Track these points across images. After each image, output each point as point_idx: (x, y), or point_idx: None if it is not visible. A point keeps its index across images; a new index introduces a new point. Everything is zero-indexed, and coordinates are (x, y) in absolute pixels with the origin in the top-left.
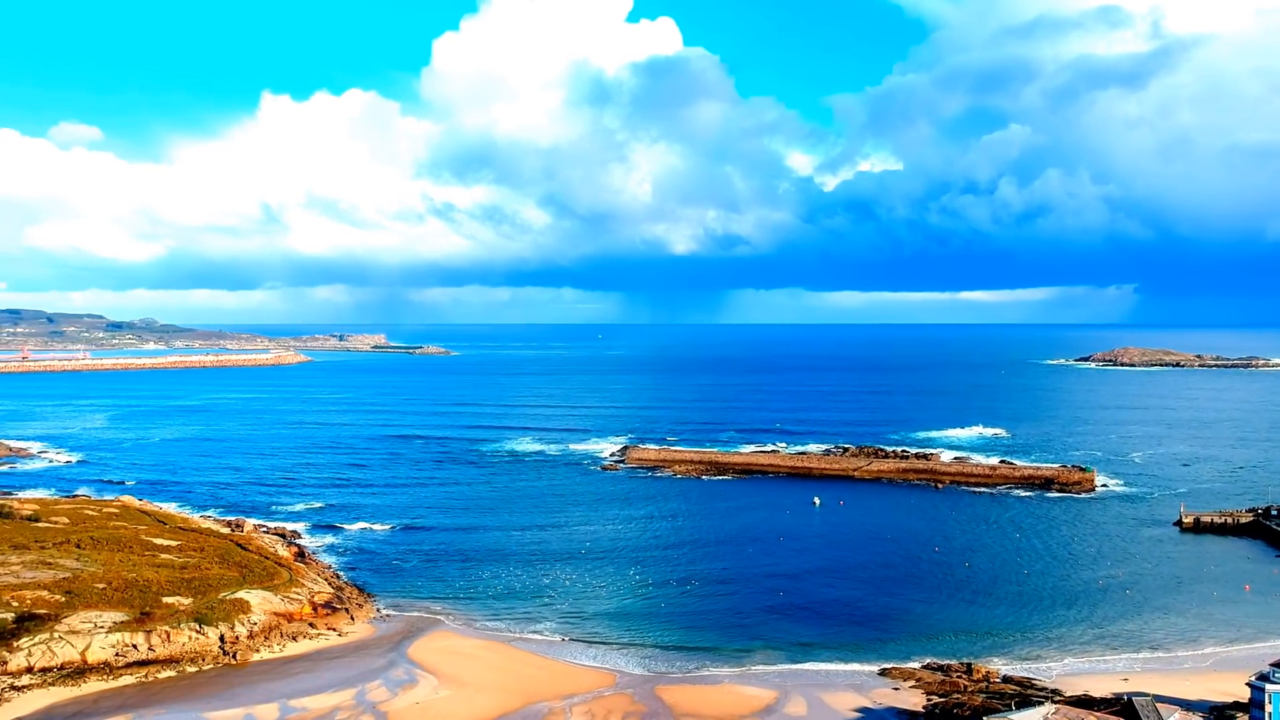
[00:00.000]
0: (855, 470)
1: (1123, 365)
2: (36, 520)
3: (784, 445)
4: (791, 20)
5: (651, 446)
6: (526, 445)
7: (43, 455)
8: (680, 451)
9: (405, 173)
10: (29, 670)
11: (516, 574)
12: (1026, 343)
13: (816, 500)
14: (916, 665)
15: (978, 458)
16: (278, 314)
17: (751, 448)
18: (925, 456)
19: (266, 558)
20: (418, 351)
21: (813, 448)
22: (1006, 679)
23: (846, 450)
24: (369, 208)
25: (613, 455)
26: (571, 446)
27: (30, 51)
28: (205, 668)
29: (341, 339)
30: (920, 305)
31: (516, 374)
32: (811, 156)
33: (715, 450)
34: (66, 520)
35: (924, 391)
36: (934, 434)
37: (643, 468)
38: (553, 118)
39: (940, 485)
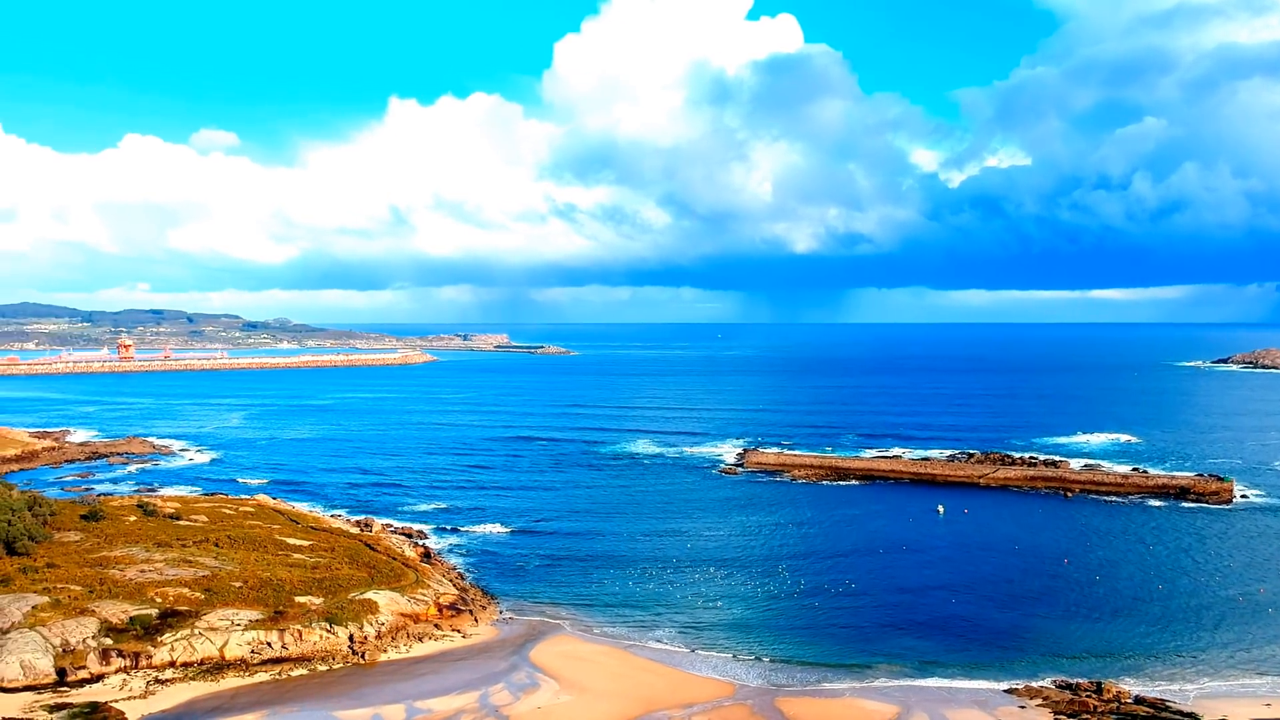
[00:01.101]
0: (980, 477)
1: (1264, 367)
2: (178, 518)
3: (906, 450)
4: (916, 15)
5: (771, 450)
6: (645, 447)
7: (183, 453)
8: (800, 456)
9: (528, 174)
10: (171, 665)
11: (636, 580)
12: (1161, 343)
13: (940, 509)
14: (1044, 683)
15: (1108, 465)
16: (405, 313)
17: (873, 452)
18: (1053, 463)
19: (394, 558)
20: (539, 351)
21: (936, 453)
22: (1139, 700)
23: (971, 456)
24: (493, 209)
25: (731, 459)
26: (690, 449)
27: (172, 62)
28: (335, 667)
29: (466, 339)
30: (1049, 304)
31: (635, 374)
32: (936, 153)
33: (835, 455)
34: (205, 519)
35: (1052, 395)
36: (1062, 440)
37: (762, 472)
38: (673, 118)
39: (1069, 494)
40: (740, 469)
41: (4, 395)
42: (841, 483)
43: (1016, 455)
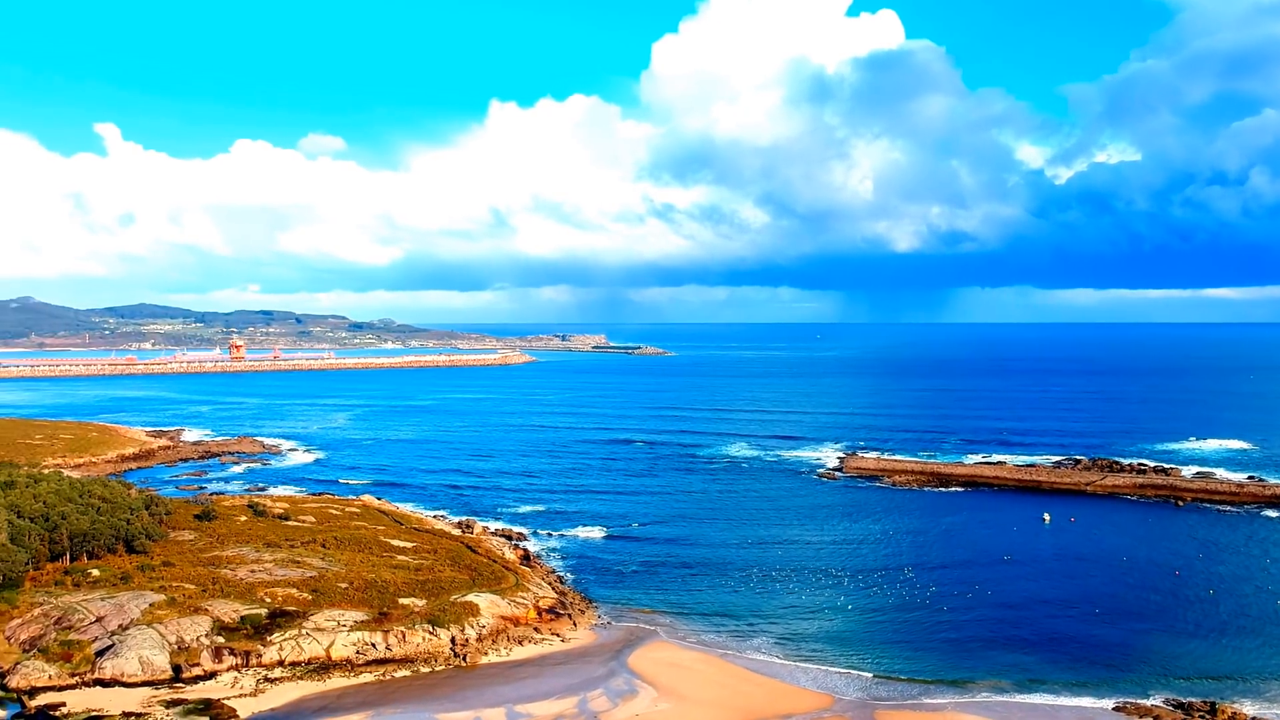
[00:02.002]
0: (1087, 485)
1: None
2: (287, 519)
3: (1010, 456)
4: (1021, 10)
5: (870, 455)
6: (742, 451)
7: (291, 452)
8: (900, 461)
9: (626, 175)
10: (280, 664)
11: (733, 587)
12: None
13: (1046, 517)
14: (1154, 703)
15: (1223, 473)
16: (504, 314)
17: (975, 458)
18: (1164, 471)
19: (494, 561)
20: (636, 352)
21: (1041, 459)
22: None
23: (1078, 463)
24: (591, 210)
25: (830, 463)
26: (788, 453)
27: (281, 70)
28: (437, 669)
29: (564, 339)
30: (1161, 303)
31: (732, 376)
32: (1043, 149)
33: (937, 460)
34: (313, 519)
35: (1163, 399)
36: (1174, 446)
37: (861, 477)
38: (772, 116)
39: (1180, 503)
40: (839, 474)
41: (123, 395)
42: (943, 489)
43: (1125, 462)
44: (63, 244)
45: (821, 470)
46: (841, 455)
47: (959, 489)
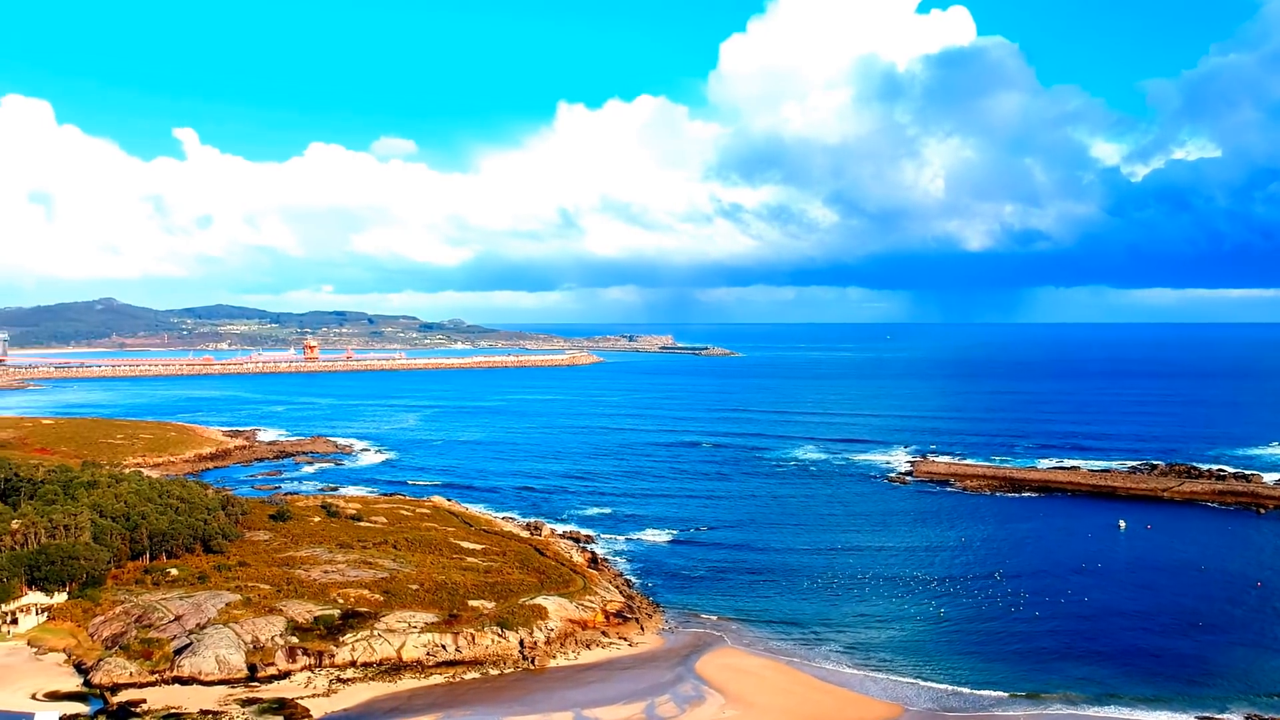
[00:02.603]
0: (1164, 491)
1: None
2: (359, 520)
3: (1084, 461)
4: (1097, 5)
5: (941, 459)
6: (810, 454)
7: (363, 453)
8: (972, 466)
9: (694, 175)
10: (352, 664)
11: (802, 594)
12: None
13: (1121, 524)
14: (1235, 718)
15: None
16: (571, 314)
17: (1048, 462)
18: (1245, 477)
19: (562, 564)
20: (703, 353)
21: (1116, 464)
22: None
23: (1154, 468)
24: (659, 210)
25: (900, 467)
26: (857, 456)
27: (353, 75)
28: (506, 671)
29: (631, 339)
30: (1241, 303)
31: (800, 377)
32: (1119, 145)
33: (1009, 465)
34: (384, 520)
35: (1244, 402)
36: (1256, 451)
37: (932, 482)
38: (841, 115)
39: (1262, 510)
40: (909, 478)
41: (200, 395)
42: (1015, 495)
43: (1204, 467)
44: (142, 246)
45: (891, 474)
46: (911, 459)
47: (1031, 494)
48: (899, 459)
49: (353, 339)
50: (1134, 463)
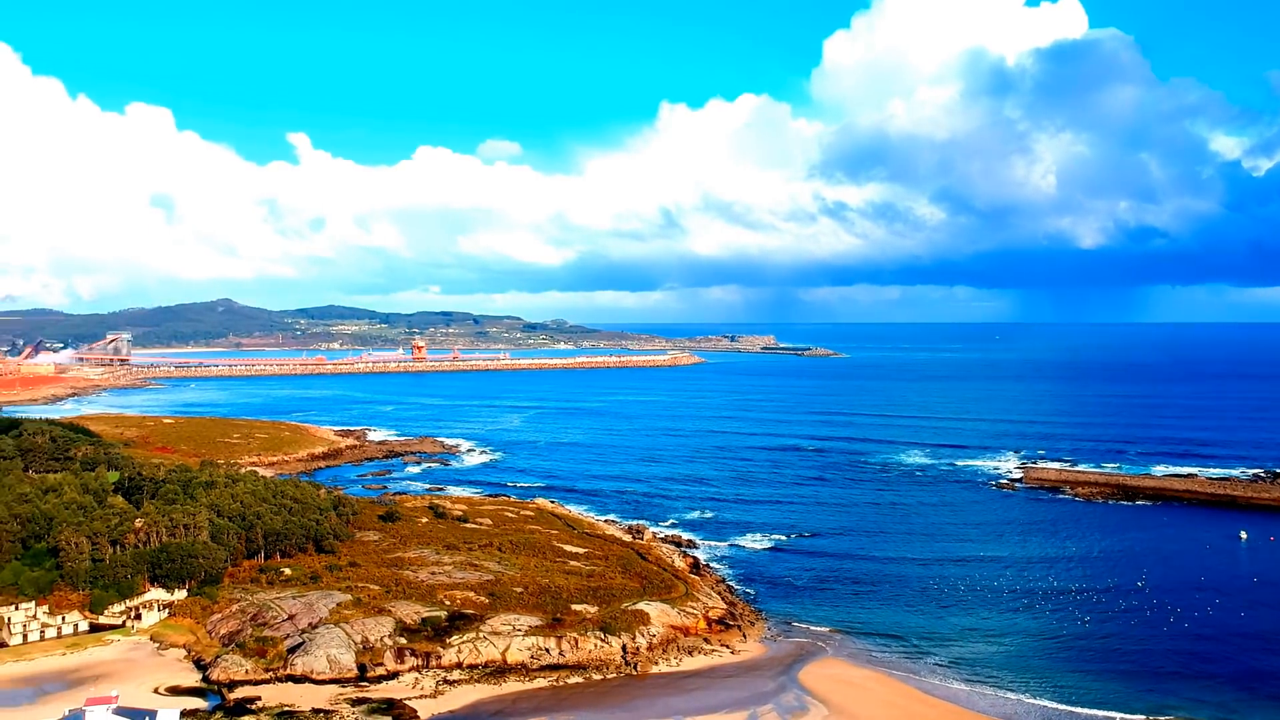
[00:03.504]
0: None
1: None
2: (465, 521)
3: (1202, 468)
4: None
5: (1051, 465)
6: (916, 459)
7: (468, 453)
8: (1083, 472)
9: (797, 173)
10: (458, 666)
11: (907, 604)
12: None
13: (1243, 535)
14: None
15: None
16: (673, 313)
17: (1164, 469)
18: None
19: (664, 569)
20: (806, 354)
21: (1238, 472)
22: None
23: (1278, 477)
24: (762, 209)
25: (1008, 473)
26: (964, 462)
27: (460, 79)
28: (609, 676)
29: (733, 340)
30: None
31: (905, 379)
32: (1240, 139)
33: (1123, 472)
34: (489, 522)
35: None
36: None
37: (1042, 489)
38: (948, 111)
39: None
40: (1018, 484)
41: (313, 394)
42: (1129, 503)
43: None
44: (257, 247)
45: (1000, 481)
46: (1021, 465)
47: (1146, 503)
48: (1008, 465)
49: (459, 339)
50: (1256, 470)
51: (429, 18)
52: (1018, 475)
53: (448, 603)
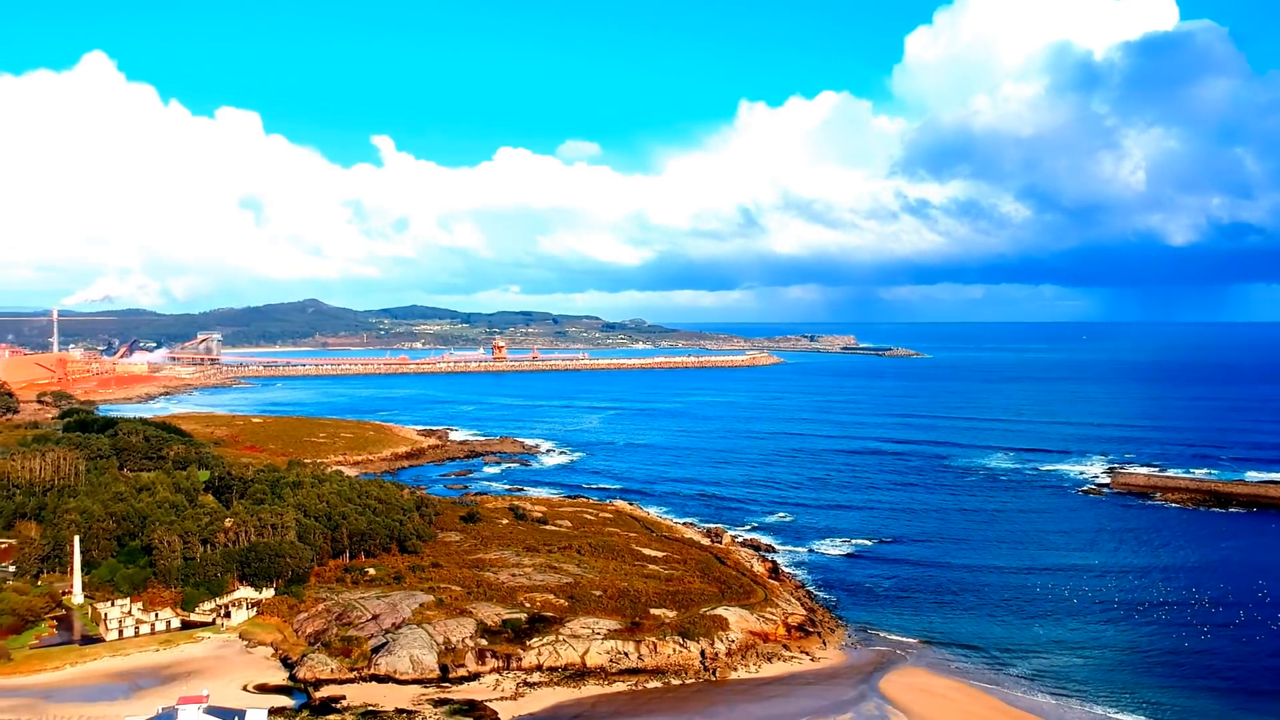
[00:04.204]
0: None
1: None
2: (545, 523)
3: None
4: None
5: (1140, 470)
6: (999, 463)
7: (548, 454)
8: (1173, 478)
9: (878, 171)
10: (538, 668)
11: (990, 613)
12: None
13: None
14: None
15: None
16: (751, 312)
17: (1258, 475)
18: None
19: (743, 573)
20: (886, 354)
21: None
22: None
23: None
24: (842, 207)
25: (1095, 478)
26: (1049, 466)
27: (541, 81)
28: (687, 681)
29: (812, 339)
30: None
31: (988, 380)
32: None
33: (1216, 478)
34: (569, 524)
35: None
36: None
37: (1130, 494)
38: (1034, 106)
39: None
40: (1105, 490)
41: (396, 394)
42: (1221, 510)
43: None
44: (343, 248)
45: (1087, 486)
46: (1108, 469)
47: (1239, 510)
48: (1094, 469)
49: (538, 339)
50: None
51: (509, 21)
52: (1105, 480)
53: (528, 605)
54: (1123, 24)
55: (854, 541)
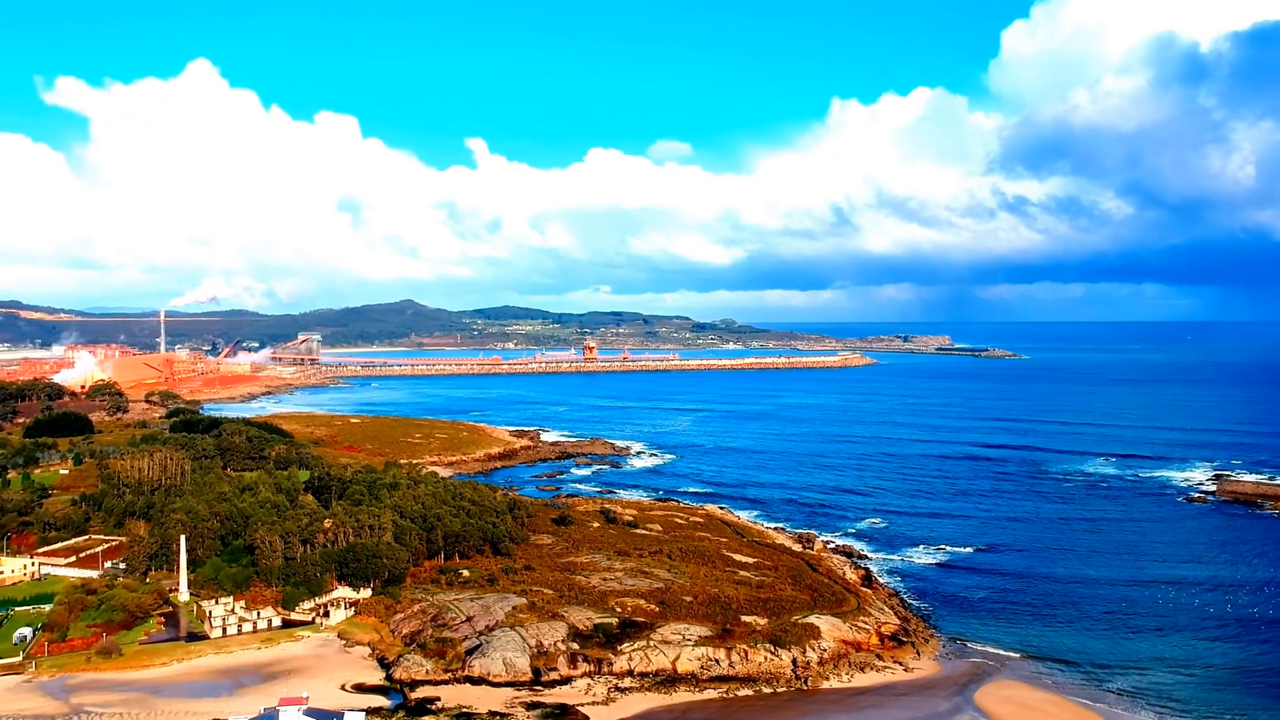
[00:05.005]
0: None
1: None
2: (635, 526)
3: None
4: None
5: (1248, 477)
6: (1099, 469)
7: (638, 455)
8: None
9: (975, 168)
10: (629, 673)
11: (1089, 626)
12: None
13: None
14: None
15: None
16: (843, 312)
17: None
18: None
19: (835, 581)
20: (982, 355)
21: None
22: None
23: None
24: (937, 205)
25: (1201, 486)
26: (1152, 473)
27: (632, 82)
28: (779, 690)
29: (906, 340)
30: None
31: (1088, 382)
32: None
33: None
34: (659, 528)
35: None
36: None
37: (1236, 503)
38: (1137, 100)
39: None
40: (1210, 498)
41: (489, 394)
42: None
43: None
44: (437, 249)
45: (1191, 494)
46: (1213, 476)
47: None
48: (1199, 476)
49: (629, 339)
50: None
51: (601, 24)
52: (1210, 488)
53: (619, 609)
54: (1230, 14)
55: (948, 549)
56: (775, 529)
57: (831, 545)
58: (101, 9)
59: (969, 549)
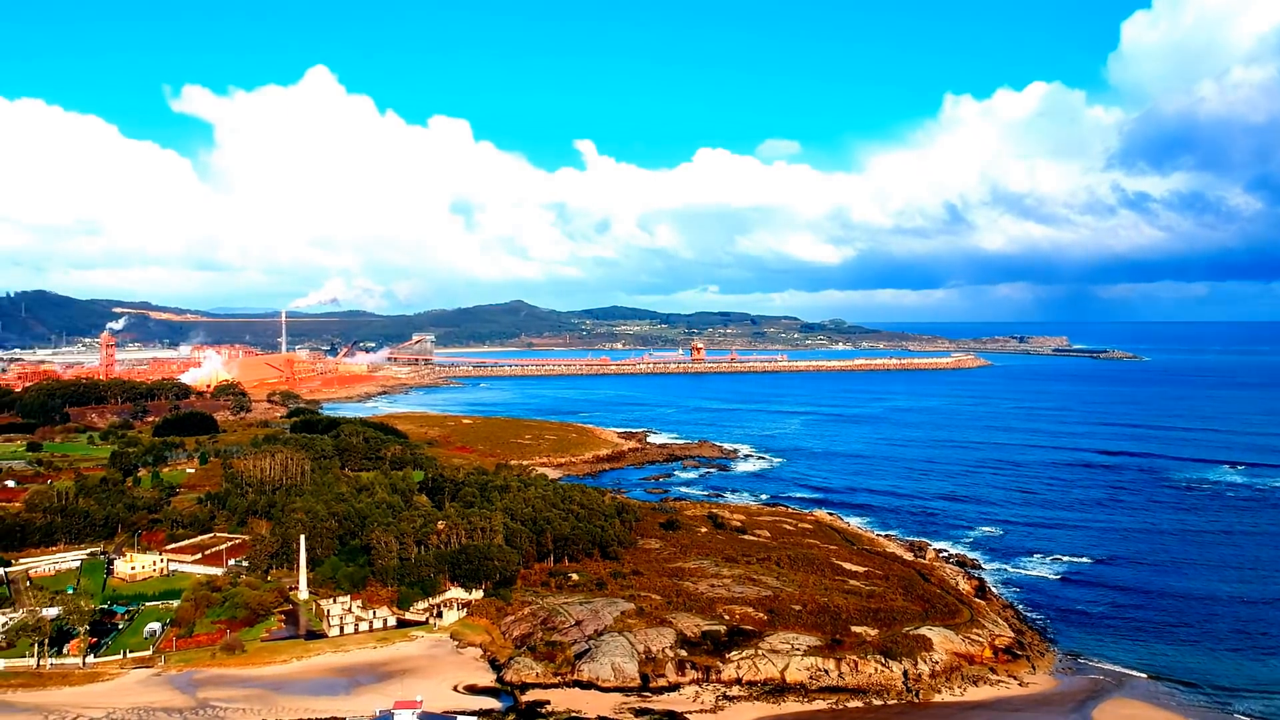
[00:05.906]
0: None
1: None
2: (743, 532)
3: None
4: None
5: None
6: (1226, 477)
7: (745, 459)
8: None
9: (1094, 164)
10: (737, 682)
11: (1214, 645)
12: None
13: None
14: None
15: None
16: (956, 311)
17: None
18: None
19: (947, 592)
20: (1102, 356)
21: None
22: None
23: None
24: (1055, 202)
25: None
26: None
27: (740, 81)
28: (889, 702)
29: (1021, 340)
30: None
31: (1214, 385)
32: None
33: None
34: (767, 534)
35: None
36: None
37: None
38: (1267, 91)
39: None
40: None
41: (597, 395)
42: None
43: None
44: (547, 250)
45: None
46: None
47: None
48: None
49: (736, 339)
50: None
51: (709, 23)
52: None
53: (727, 617)
54: None
55: (1065, 560)
56: (885, 536)
57: (944, 554)
58: (226, 20)
59: (1086, 560)
